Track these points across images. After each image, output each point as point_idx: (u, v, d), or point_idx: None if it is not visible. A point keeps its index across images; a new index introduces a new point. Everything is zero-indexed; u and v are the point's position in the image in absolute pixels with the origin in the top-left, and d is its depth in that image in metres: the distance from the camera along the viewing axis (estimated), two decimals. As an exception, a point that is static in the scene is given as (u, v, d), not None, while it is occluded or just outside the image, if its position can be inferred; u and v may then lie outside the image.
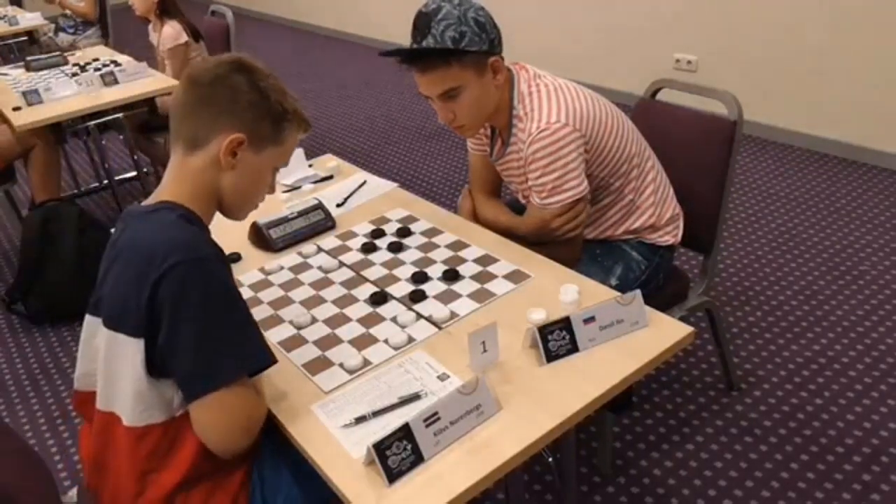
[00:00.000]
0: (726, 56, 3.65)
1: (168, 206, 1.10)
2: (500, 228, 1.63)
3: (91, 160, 4.07)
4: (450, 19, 1.41)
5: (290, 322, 1.35)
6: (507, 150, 1.63)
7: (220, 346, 1.03)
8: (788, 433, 1.89)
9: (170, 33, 3.37)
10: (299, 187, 1.91)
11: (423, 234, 1.61)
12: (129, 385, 1.06)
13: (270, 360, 1.09)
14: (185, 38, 3.38)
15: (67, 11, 4.86)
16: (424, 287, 1.40)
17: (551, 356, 1.17)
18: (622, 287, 1.49)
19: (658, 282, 1.74)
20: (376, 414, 1.09)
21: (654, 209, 1.68)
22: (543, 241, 1.56)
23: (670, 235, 1.72)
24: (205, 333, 1.02)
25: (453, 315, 1.32)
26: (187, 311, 1.01)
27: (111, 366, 1.08)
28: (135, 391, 1.06)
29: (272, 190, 1.23)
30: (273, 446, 1.17)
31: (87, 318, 1.13)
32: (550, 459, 1.79)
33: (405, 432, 0.99)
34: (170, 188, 1.13)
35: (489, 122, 1.62)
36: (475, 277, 1.43)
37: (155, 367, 1.05)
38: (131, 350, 1.04)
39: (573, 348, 1.18)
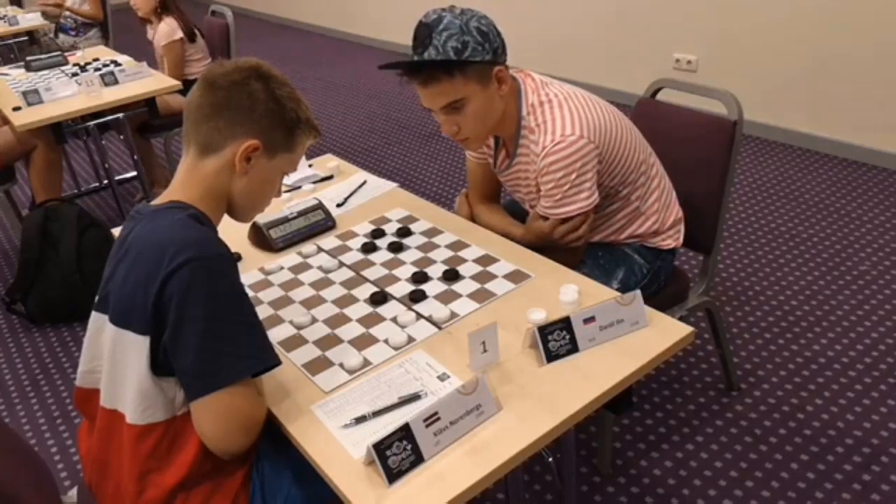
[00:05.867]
0: (726, 56, 3.66)
1: (178, 205, 1.11)
2: (500, 235, 1.62)
3: (91, 160, 4.07)
4: (451, 29, 1.37)
5: (290, 322, 1.35)
6: (513, 161, 1.60)
7: (225, 346, 1.03)
8: (788, 433, 1.89)
9: (164, 30, 3.39)
10: (299, 187, 1.91)
11: (423, 234, 1.61)
12: (134, 383, 1.06)
13: (274, 361, 1.09)
14: (179, 34, 3.39)
15: (67, 12, 4.86)
16: (424, 287, 1.40)
17: (551, 356, 1.17)
18: (624, 290, 1.49)
19: (660, 284, 1.74)
20: (376, 414, 1.09)
21: (658, 215, 1.68)
22: (543, 248, 1.55)
23: (672, 239, 1.72)
24: (210, 332, 1.02)
25: (453, 315, 1.32)
26: (194, 309, 1.01)
27: (117, 363, 1.08)
28: (138, 389, 1.06)
29: (279, 194, 1.25)
30: (273, 446, 1.18)
31: (94, 314, 1.14)
32: (550, 459, 1.79)
33: (405, 432, 0.99)
34: (180, 189, 1.14)
35: (493, 132, 1.59)
36: (475, 277, 1.43)
37: (159, 364, 1.05)
38: (137, 347, 1.04)
39: (573, 348, 1.18)
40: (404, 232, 1.62)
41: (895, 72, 3.07)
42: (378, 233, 1.63)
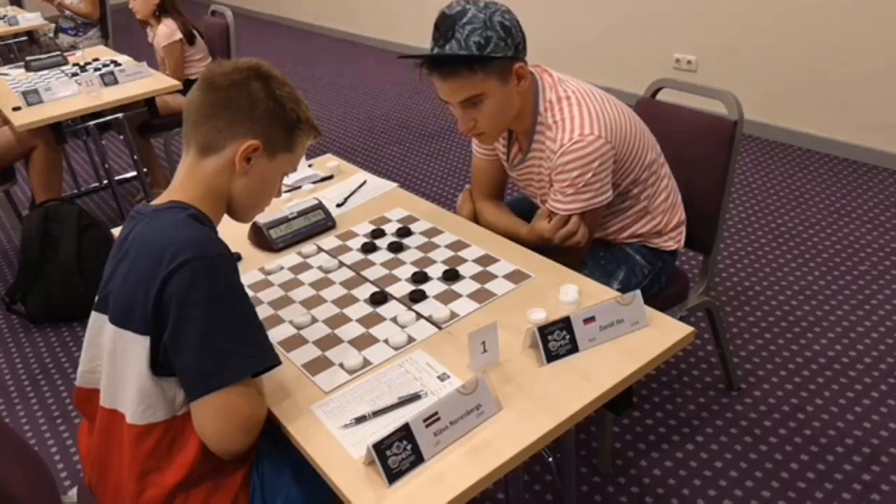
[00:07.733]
0: (726, 56, 3.65)
1: (178, 205, 1.11)
2: (504, 235, 1.61)
3: (91, 160, 4.07)
4: (475, 23, 1.35)
5: (290, 322, 1.35)
6: (527, 156, 1.60)
7: (226, 346, 1.03)
8: (788, 433, 1.89)
9: (164, 31, 3.39)
10: (299, 187, 1.91)
11: (423, 234, 1.61)
12: (134, 382, 1.06)
13: (274, 361, 1.09)
14: (178, 35, 3.39)
15: (67, 12, 4.86)
16: (424, 287, 1.40)
17: (551, 356, 1.17)
18: (624, 291, 1.48)
19: (660, 285, 1.73)
20: (376, 414, 1.09)
21: (664, 216, 1.68)
22: (547, 248, 1.55)
23: (674, 241, 1.72)
24: (210, 332, 1.02)
25: (453, 315, 1.32)
26: (194, 309, 1.01)
27: (117, 363, 1.08)
28: (138, 389, 1.06)
29: (279, 194, 1.25)
30: (273, 446, 1.18)
31: (93, 314, 1.14)
32: (550, 459, 1.79)
33: (405, 432, 0.99)
34: (180, 189, 1.14)
35: (509, 127, 1.58)
36: (475, 277, 1.43)
37: (159, 364, 1.05)
38: (137, 347, 1.04)
39: (573, 348, 1.18)
40: (404, 232, 1.62)
41: (894, 71, 3.07)
42: (378, 233, 1.63)
